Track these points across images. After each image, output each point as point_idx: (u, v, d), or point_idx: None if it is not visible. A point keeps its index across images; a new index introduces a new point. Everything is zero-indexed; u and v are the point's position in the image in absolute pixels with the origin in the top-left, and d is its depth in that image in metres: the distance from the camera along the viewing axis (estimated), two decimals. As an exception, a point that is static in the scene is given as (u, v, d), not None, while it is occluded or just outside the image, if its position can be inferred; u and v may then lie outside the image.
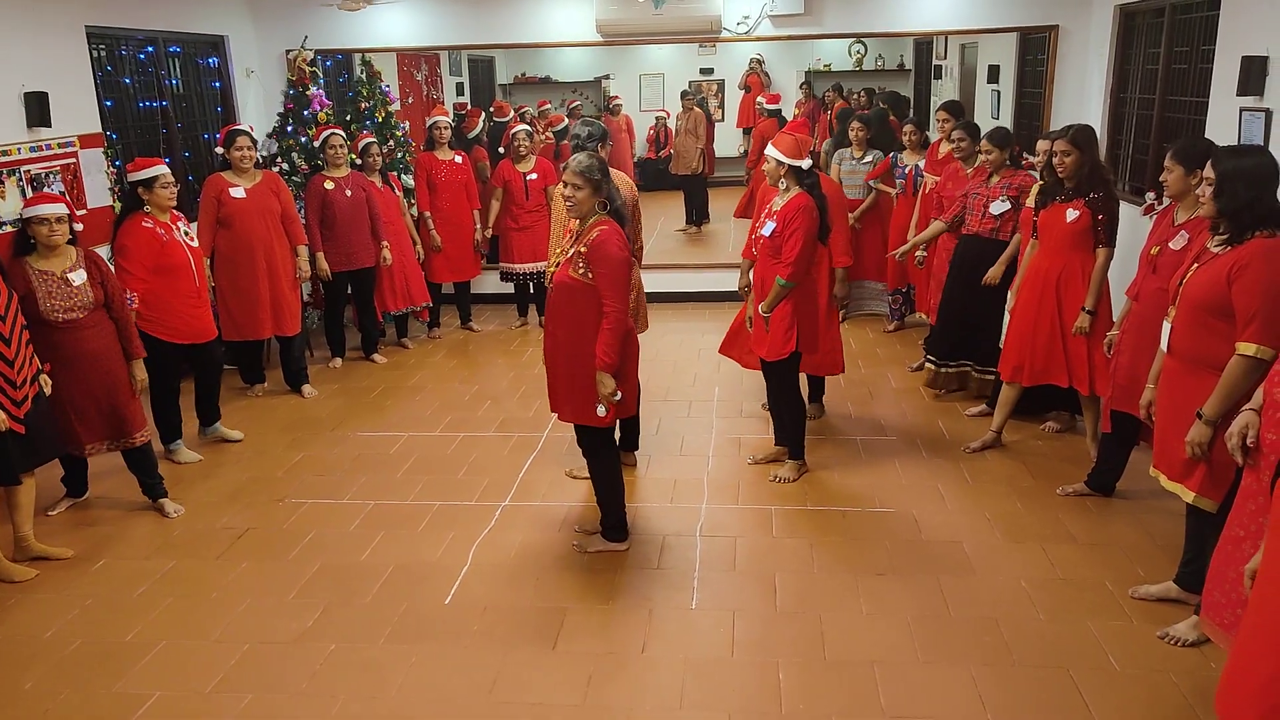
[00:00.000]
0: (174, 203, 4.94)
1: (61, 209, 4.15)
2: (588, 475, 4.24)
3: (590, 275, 3.66)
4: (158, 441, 5.05)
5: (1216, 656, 3.19)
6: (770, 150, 4.40)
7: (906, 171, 6.63)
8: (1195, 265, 3.17)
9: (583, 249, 3.67)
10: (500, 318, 7.85)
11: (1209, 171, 3.08)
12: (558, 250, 4.16)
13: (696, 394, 5.90)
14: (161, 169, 4.88)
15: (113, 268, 4.64)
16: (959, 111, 6.45)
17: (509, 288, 7.62)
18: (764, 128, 9.88)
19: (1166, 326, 3.29)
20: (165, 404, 5.12)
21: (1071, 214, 4.42)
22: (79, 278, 4.18)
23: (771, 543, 4.13)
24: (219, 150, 5.74)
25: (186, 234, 5.01)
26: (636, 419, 4.85)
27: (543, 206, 7.21)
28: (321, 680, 3.26)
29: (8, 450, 3.81)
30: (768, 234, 4.43)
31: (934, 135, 6.68)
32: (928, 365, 5.72)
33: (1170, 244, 3.58)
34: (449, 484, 4.77)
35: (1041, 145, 4.78)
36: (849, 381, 6.05)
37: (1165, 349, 3.31)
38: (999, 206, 5.21)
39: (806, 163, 4.38)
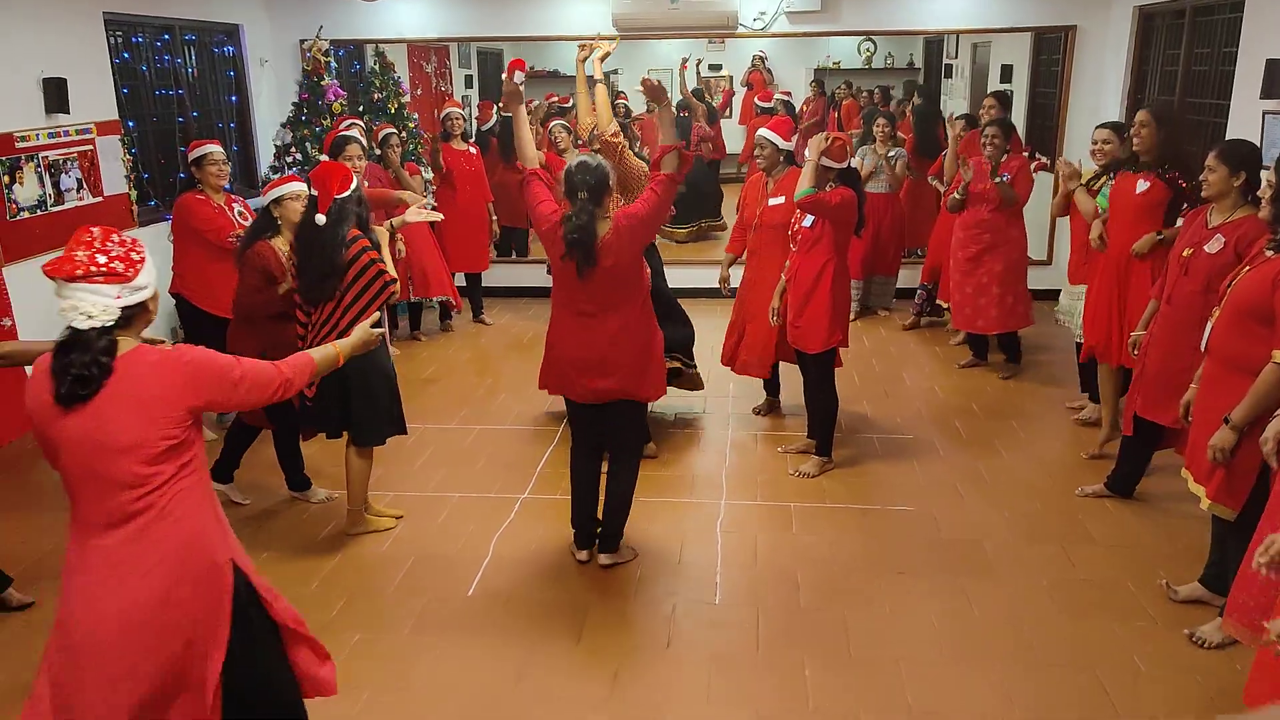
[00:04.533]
0: (224, 182, 5.01)
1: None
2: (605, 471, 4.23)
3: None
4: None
5: (1242, 659, 3.20)
6: (820, 160, 4.42)
7: None
8: (1247, 268, 3.15)
9: None
10: (512, 311, 7.85)
11: (1270, 175, 3.04)
12: None
13: (712, 389, 5.89)
14: (211, 147, 4.96)
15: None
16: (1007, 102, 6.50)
17: (521, 281, 7.62)
18: (758, 125, 9.86)
19: (1210, 327, 3.27)
20: None
21: (1142, 185, 4.29)
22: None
23: (791, 540, 4.13)
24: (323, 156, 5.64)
25: (241, 214, 5.07)
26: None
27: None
28: (347, 671, 3.24)
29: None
30: (808, 225, 4.48)
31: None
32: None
33: (1206, 247, 3.55)
34: (467, 476, 4.77)
35: (1099, 134, 4.77)
36: (864, 379, 6.06)
37: (1204, 349, 3.30)
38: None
39: (851, 163, 4.51)
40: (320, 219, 3.73)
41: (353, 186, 3.78)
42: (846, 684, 3.17)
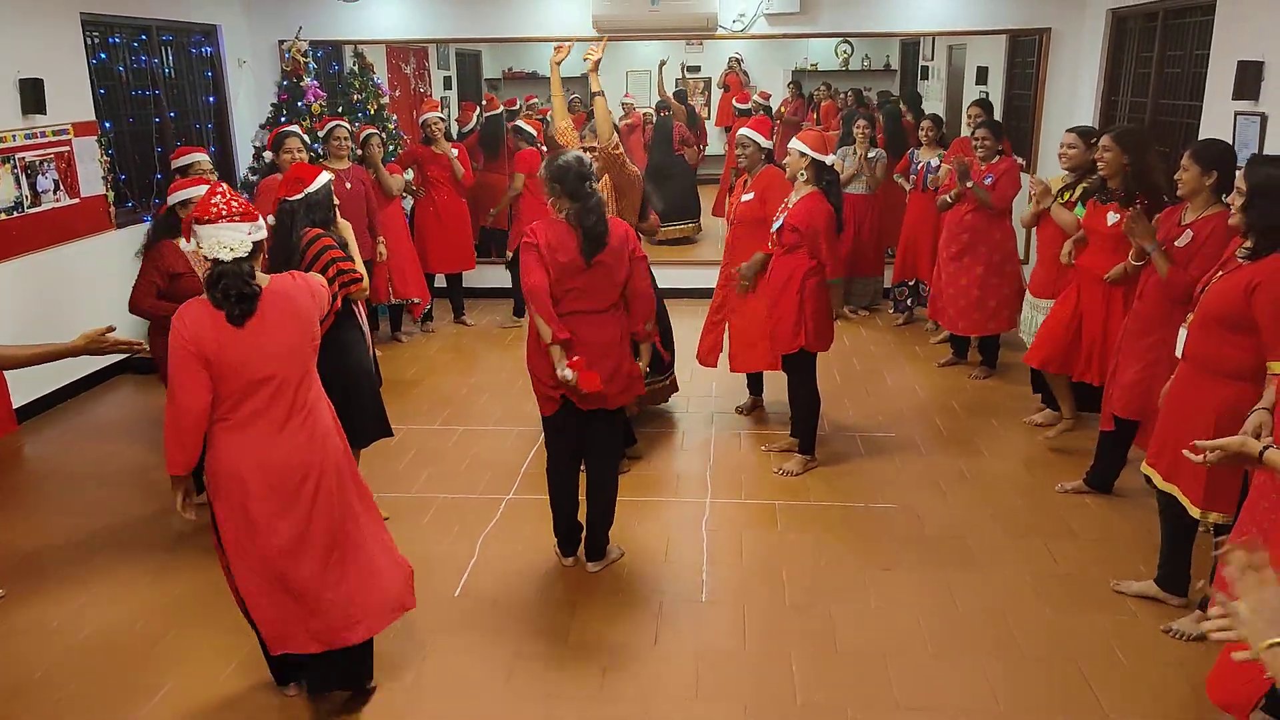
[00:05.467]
0: None
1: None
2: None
3: None
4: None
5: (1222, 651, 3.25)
6: (794, 143, 4.46)
7: (919, 167, 6.69)
8: (1220, 274, 3.12)
9: None
10: (493, 312, 7.84)
11: (1240, 182, 2.99)
12: None
13: (694, 389, 5.92)
14: (198, 156, 4.83)
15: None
16: (989, 108, 6.57)
17: (502, 282, 7.60)
18: (737, 127, 9.90)
19: (1183, 333, 3.25)
20: None
21: (1111, 217, 4.26)
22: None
23: (777, 537, 4.16)
24: (267, 154, 5.63)
25: None
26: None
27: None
28: (335, 672, 3.25)
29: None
30: (775, 230, 4.49)
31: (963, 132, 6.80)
32: None
33: (1176, 242, 3.61)
34: (451, 477, 4.76)
35: (1065, 139, 4.81)
36: (846, 378, 6.10)
37: (1179, 353, 3.29)
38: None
39: (830, 158, 4.47)
40: (269, 220, 3.72)
41: (306, 190, 3.70)
42: (833, 678, 3.19)
